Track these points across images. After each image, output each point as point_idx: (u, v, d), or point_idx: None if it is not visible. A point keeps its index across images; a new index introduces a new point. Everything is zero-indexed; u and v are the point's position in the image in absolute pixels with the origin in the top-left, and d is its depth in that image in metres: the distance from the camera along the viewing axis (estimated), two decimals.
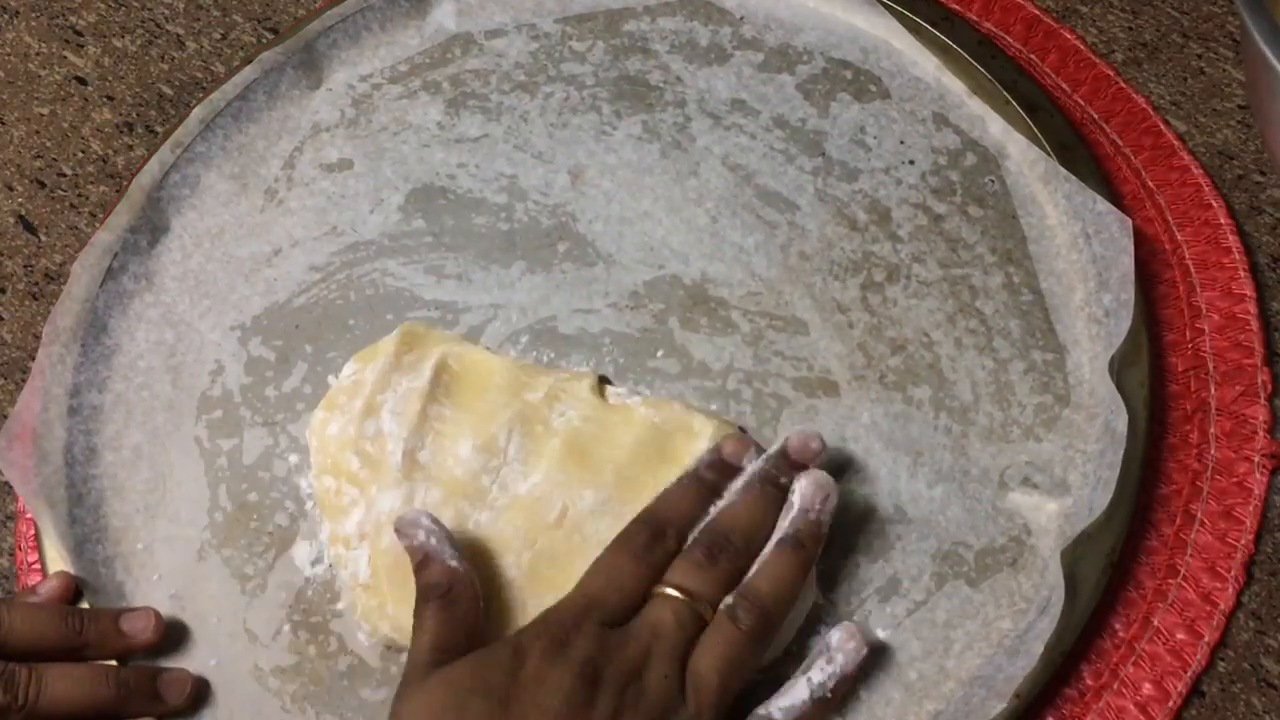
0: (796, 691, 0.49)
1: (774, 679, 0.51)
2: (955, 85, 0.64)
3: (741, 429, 0.57)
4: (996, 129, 0.62)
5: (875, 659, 0.52)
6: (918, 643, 0.52)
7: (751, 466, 0.53)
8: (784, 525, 0.51)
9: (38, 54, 0.76)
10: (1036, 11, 0.67)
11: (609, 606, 0.49)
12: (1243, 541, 0.53)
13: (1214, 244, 0.59)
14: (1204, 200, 0.60)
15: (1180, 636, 0.52)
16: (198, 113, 0.67)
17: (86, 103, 0.74)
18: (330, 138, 0.68)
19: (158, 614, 0.56)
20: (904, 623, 0.53)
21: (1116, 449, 0.52)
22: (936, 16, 0.65)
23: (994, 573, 0.53)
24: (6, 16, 0.78)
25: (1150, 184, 0.61)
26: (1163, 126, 0.63)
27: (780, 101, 0.65)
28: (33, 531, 0.60)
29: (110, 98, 0.74)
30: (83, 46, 0.76)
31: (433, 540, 0.51)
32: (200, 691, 0.55)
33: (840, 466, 0.56)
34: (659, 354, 0.60)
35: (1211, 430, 0.56)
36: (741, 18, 0.68)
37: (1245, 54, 0.59)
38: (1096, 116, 0.64)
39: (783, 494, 0.52)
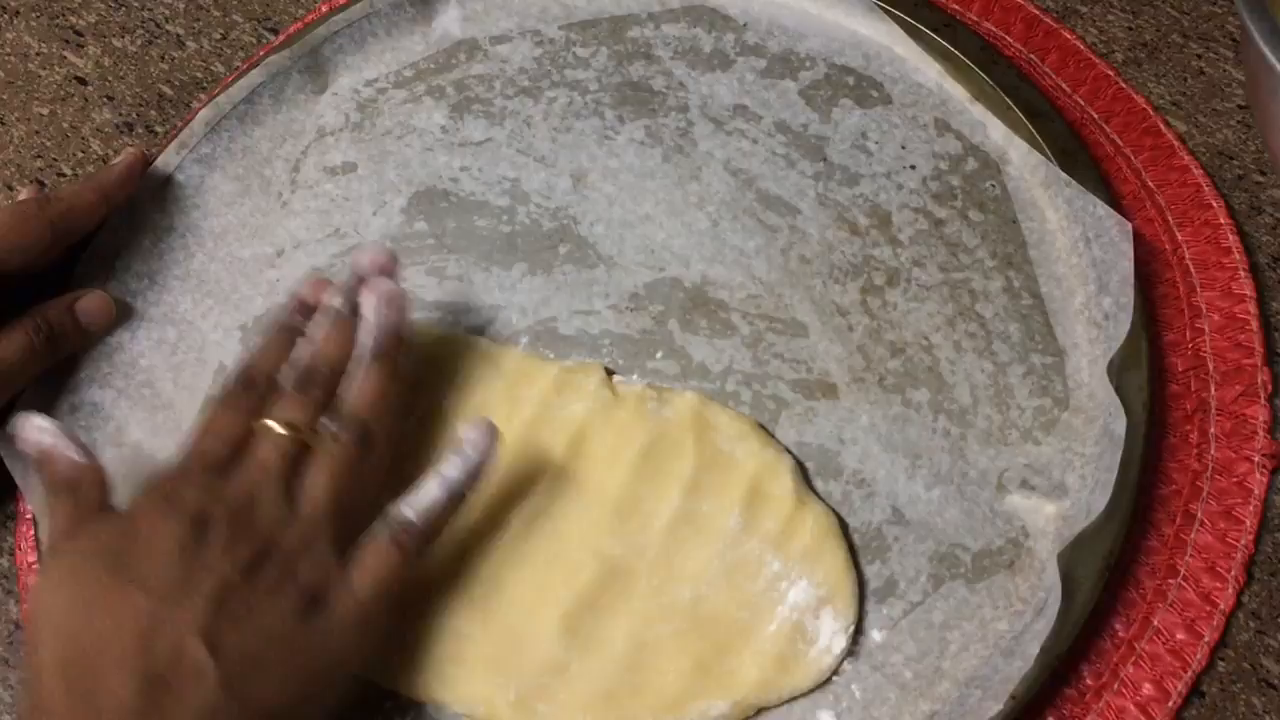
0: (427, 486, 0.51)
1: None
2: (957, 91, 0.64)
3: (762, 427, 0.57)
4: (998, 134, 0.62)
5: (871, 659, 0.52)
6: (914, 644, 0.52)
7: (327, 298, 0.56)
8: (365, 342, 0.54)
9: (38, 54, 0.77)
10: (1036, 12, 0.67)
11: (212, 454, 0.51)
12: (1243, 541, 0.53)
13: (1214, 244, 0.59)
14: (1204, 200, 0.60)
15: (1180, 636, 0.52)
16: (204, 115, 0.67)
17: (86, 103, 0.74)
18: (334, 141, 0.68)
19: (107, 295, 0.62)
20: (900, 624, 0.53)
21: (1115, 452, 0.52)
22: (938, 23, 0.65)
23: (991, 574, 0.53)
24: (6, 16, 0.79)
25: (1150, 184, 0.61)
26: (1163, 126, 0.63)
27: (782, 107, 0.65)
28: (33, 532, 0.60)
29: (110, 98, 0.74)
30: (83, 46, 0.77)
31: (48, 439, 0.52)
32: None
33: (838, 469, 0.56)
34: (658, 355, 0.60)
35: (1211, 430, 0.55)
36: (745, 24, 0.68)
37: (1245, 54, 0.59)
38: (1096, 117, 0.64)
39: (357, 315, 0.55)
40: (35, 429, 0.53)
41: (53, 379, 0.61)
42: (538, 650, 0.53)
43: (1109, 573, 0.51)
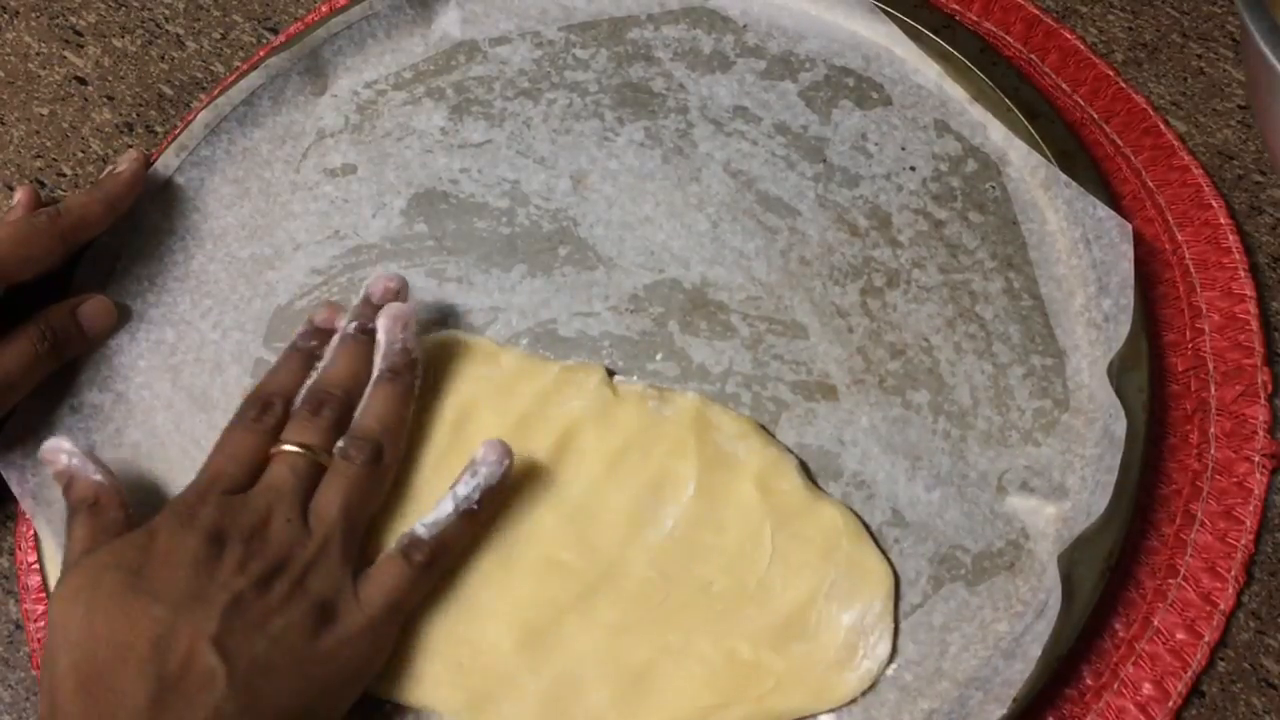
0: (442, 506, 0.52)
1: None
2: (957, 92, 0.64)
3: (763, 428, 0.57)
4: (998, 136, 0.62)
5: None
6: (914, 646, 0.52)
7: (341, 322, 0.58)
8: (377, 363, 0.56)
9: (38, 54, 0.77)
10: (1036, 11, 0.67)
11: (229, 476, 0.53)
12: (1243, 541, 0.53)
13: (1214, 244, 0.59)
14: (1204, 200, 0.60)
15: (1180, 636, 0.51)
16: (203, 117, 0.67)
17: (86, 103, 0.74)
18: (334, 143, 0.68)
19: (109, 300, 0.63)
20: (900, 625, 0.52)
21: (1115, 453, 0.52)
22: (938, 24, 0.65)
23: (991, 576, 0.53)
24: (6, 16, 0.79)
25: (1150, 184, 0.61)
26: (1163, 126, 0.63)
27: (782, 108, 0.65)
28: (32, 532, 0.60)
29: (110, 98, 0.74)
30: (83, 46, 0.77)
31: (74, 461, 0.54)
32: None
33: (838, 470, 0.56)
34: (658, 357, 0.60)
35: (1211, 430, 0.55)
36: (744, 25, 0.68)
37: (1245, 54, 0.59)
38: (1096, 116, 0.64)
39: (373, 338, 0.56)
40: (59, 451, 0.54)
41: (53, 381, 0.61)
42: (494, 657, 0.53)
43: (1109, 573, 0.51)
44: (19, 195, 0.63)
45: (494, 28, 0.71)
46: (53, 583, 0.58)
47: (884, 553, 0.54)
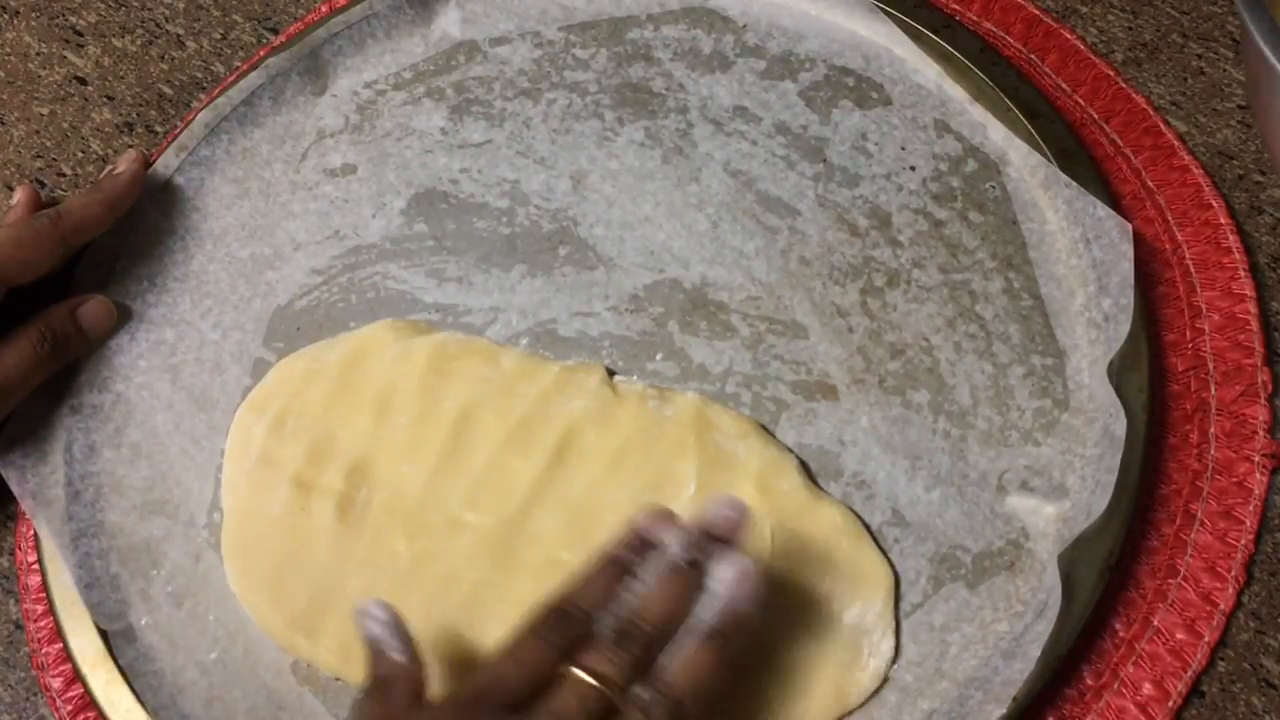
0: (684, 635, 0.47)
1: None
2: (957, 92, 0.64)
3: (763, 427, 0.57)
4: (998, 135, 0.62)
5: None
6: (914, 646, 0.52)
7: (670, 540, 0.49)
8: (706, 615, 0.48)
9: (38, 54, 0.77)
10: (1036, 11, 0.67)
11: (510, 686, 0.46)
12: (1243, 541, 0.53)
13: (1214, 244, 0.59)
14: (1204, 200, 0.60)
15: (1180, 636, 0.51)
16: (203, 117, 0.67)
17: (86, 103, 0.74)
18: (334, 143, 0.68)
19: (108, 301, 0.63)
20: (901, 625, 0.53)
21: (1115, 453, 0.52)
22: (938, 24, 0.65)
23: (991, 576, 0.53)
24: (6, 16, 0.79)
25: (1150, 184, 0.61)
26: (1163, 126, 0.63)
27: (782, 108, 0.65)
28: (32, 532, 0.60)
29: (110, 98, 0.74)
30: (83, 46, 0.77)
31: (378, 629, 0.49)
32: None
33: (838, 470, 0.56)
34: (658, 357, 0.60)
35: (1211, 430, 0.55)
36: (744, 25, 0.68)
37: (1245, 54, 0.59)
38: (1096, 116, 0.64)
39: (700, 573, 0.48)
40: (369, 618, 0.50)
41: (53, 381, 0.61)
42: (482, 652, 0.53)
43: (1109, 573, 0.51)
44: (19, 195, 0.63)
45: (494, 28, 0.71)
46: (53, 582, 0.58)
47: (884, 552, 0.54)
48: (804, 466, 0.56)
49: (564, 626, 0.47)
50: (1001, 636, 0.51)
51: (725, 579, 0.48)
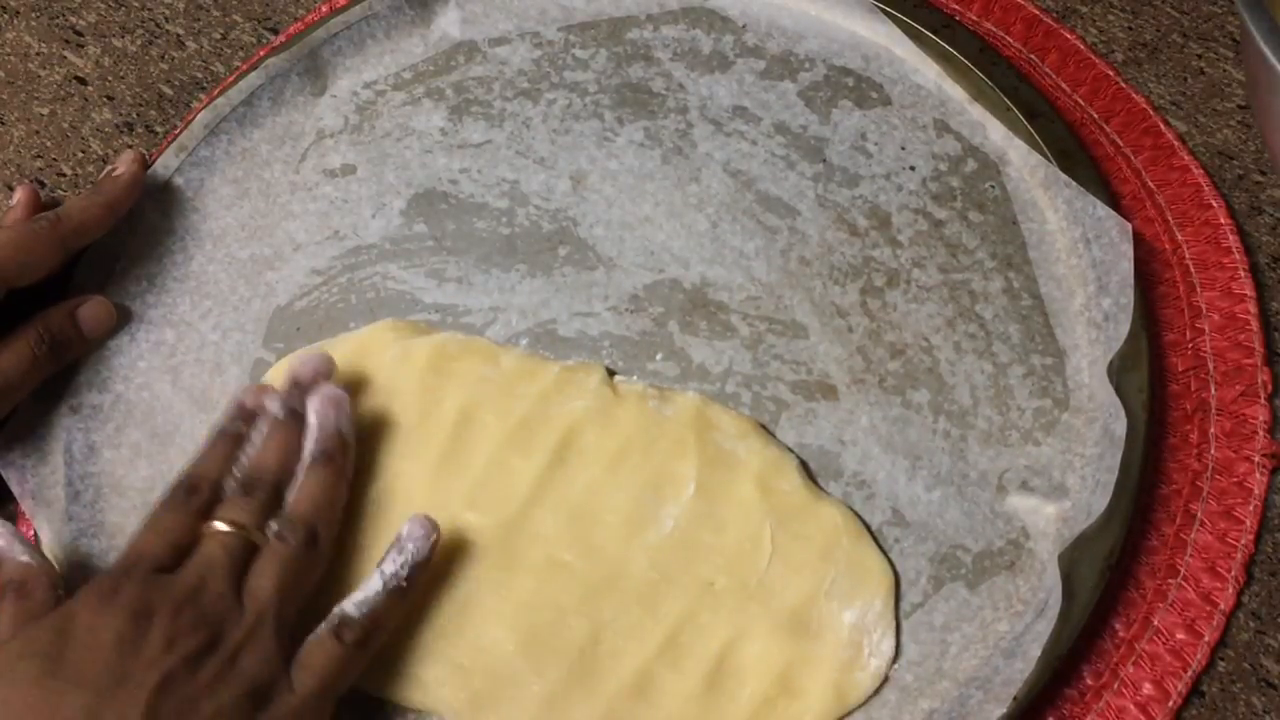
0: (370, 584, 0.51)
1: None
2: (956, 92, 0.64)
3: (763, 427, 0.57)
4: (997, 135, 0.62)
5: None
6: (915, 646, 0.52)
7: (268, 403, 0.55)
8: (309, 445, 0.54)
9: (38, 54, 0.77)
10: (1036, 11, 0.67)
11: (155, 554, 0.50)
12: (1243, 541, 0.53)
13: (1214, 244, 0.59)
14: (1204, 200, 0.60)
15: (1180, 636, 0.51)
16: (202, 118, 0.67)
17: (86, 103, 0.74)
18: (334, 143, 0.68)
19: (108, 302, 0.63)
20: (901, 625, 0.52)
21: (1115, 453, 0.52)
22: (938, 24, 0.65)
23: (992, 575, 0.53)
24: (6, 16, 0.79)
25: (1150, 184, 0.61)
26: (1163, 126, 0.63)
27: (782, 108, 0.65)
28: (32, 533, 0.60)
29: (110, 98, 0.74)
30: (83, 46, 0.77)
31: (1, 541, 0.52)
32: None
33: (838, 470, 0.56)
34: (658, 357, 0.60)
35: (1211, 430, 0.55)
36: (744, 26, 0.68)
37: (1245, 54, 0.59)
38: (1096, 116, 0.64)
39: (300, 418, 0.55)
40: None
41: (52, 382, 0.61)
42: (496, 658, 0.53)
43: (1109, 573, 0.51)
44: (19, 195, 0.62)
45: (493, 28, 0.70)
46: None
47: (884, 552, 0.54)
48: (804, 466, 0.56)
49: (193, 497, 0.52)
50: (1002, 636, 0.51)
51: (318, 408, 0.55)
